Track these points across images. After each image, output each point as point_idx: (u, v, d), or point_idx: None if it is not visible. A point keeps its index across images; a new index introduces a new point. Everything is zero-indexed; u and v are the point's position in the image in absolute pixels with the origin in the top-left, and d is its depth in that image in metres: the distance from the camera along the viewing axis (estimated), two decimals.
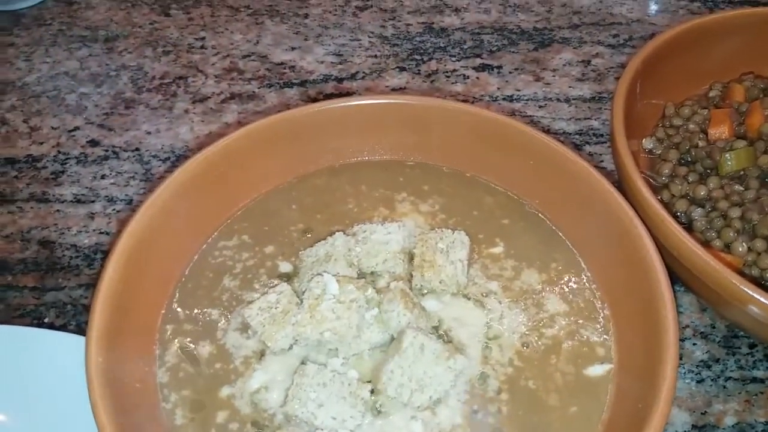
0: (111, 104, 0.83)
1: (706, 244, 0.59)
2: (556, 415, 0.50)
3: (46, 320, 0.65)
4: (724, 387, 0.57)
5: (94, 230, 0.71)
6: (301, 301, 0.54)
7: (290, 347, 0.53)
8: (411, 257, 0.58)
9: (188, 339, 0.54)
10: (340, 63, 0.87)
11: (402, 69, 0.86)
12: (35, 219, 0.72)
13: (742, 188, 0.59)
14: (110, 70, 0.87)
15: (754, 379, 0.57)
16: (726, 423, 0.55)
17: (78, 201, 0.73)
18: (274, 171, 0.63)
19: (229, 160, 0.60)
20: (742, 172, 0.61)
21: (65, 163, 0.77)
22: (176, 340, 0.54)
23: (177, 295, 0.57)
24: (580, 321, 0.54)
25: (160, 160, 0.77)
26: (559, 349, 0.53)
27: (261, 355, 0.53)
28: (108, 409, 0.45)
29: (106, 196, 0.74)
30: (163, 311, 0.56)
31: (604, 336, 0.53)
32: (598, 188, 0.56)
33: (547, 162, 0.59)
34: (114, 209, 0.72)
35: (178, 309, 0.56)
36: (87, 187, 0.75)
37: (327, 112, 0.63)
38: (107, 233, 0.70)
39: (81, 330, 0.64)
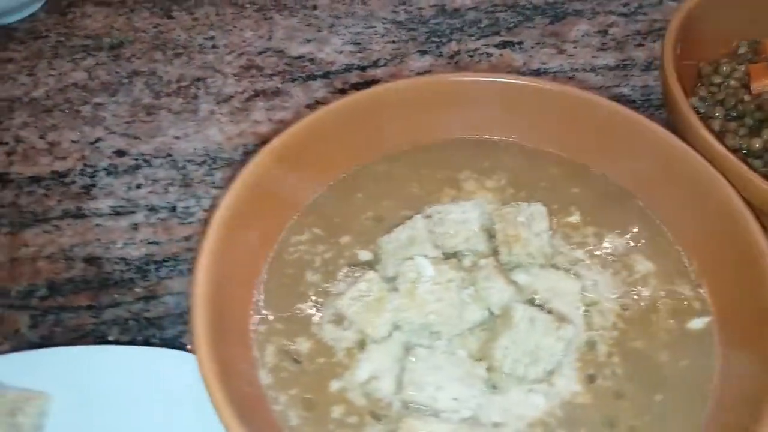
0: (130, 112, 0.80)
1: None
2: (670, 371, 0.50)
3: (110, 338, 0.62)
4: None
5: (141, 241, 0.68)
6: (391, 286, 0.53)
7: (390, 334, 0.52)
8: (490, 234, 0.57)
9: (283, 338, 0.53)
10: (360, 51, 0.86)
11: (423, 52, 0.85)
12: (75, 236, 0.69)
13: None
14: (121, 77, 0.84)
15: None
16: None
17: (117, 213, 0.70)
18: (334, 162, 0.62)
19: (290, 158, 0.58)
20: None
21: (94, 176, 0.74)
22: (272, 340, 0.53)
23: (262, 295, 0.55)
24: (671, 278, 0.55)
25: (196, 164, 0.74)
26: (657, 308, 0.53)
27: (362, 344, 0.52)
28: (234, 414, 0.43)
29: (147, 206, 0.71)
30: (252, 313, 0.54)
31: (698, 290, 0.54)
32: (667, 144, 0.57)
33: (613, 126, 0.60)
34: (158, 218, 0.70)
35: (266, 309, 0.54)
36: (123, 198, 0.72)
37: (382, 95, 0.62)
38: (156, 243, 0.68)
39: (149, 343, 0.61)
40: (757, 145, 0.62)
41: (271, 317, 0.54)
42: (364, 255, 0.58)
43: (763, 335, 0.48)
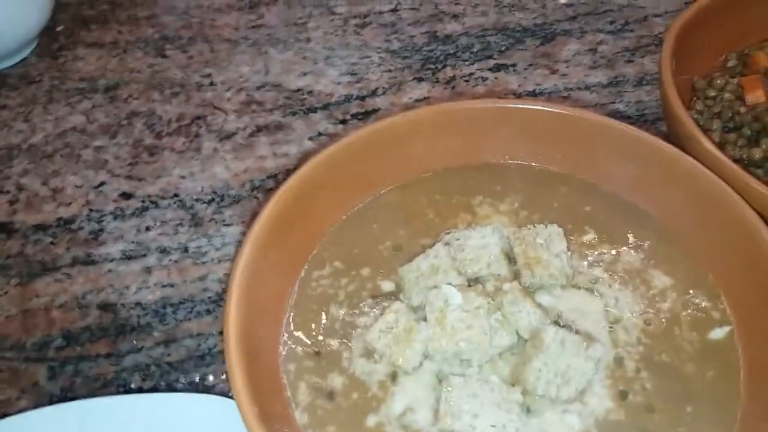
0: (132, 153, 0.80)
1: None
2: (698, 383, 0.51)
3: (132, 385, 0.61)
4: None
5: (155, 284, 0.68)
6: (420, 318, 0.54)
7: (420, 364, 0.53)
8: (509, 258, 0.58)
9: (314, 375, 0.53)
10: (357, 82, 0.87)
11: (420, 79, 0.86)
12: (87, 283, 0.68)
13: None
14: (120, 119, 0.84)
15: None
16: None
17: (128, 257, 0.70)
18: (349, 194, 0.63)
19: (306, 194, 0.59)
20: None
21: (101, 221, 0.73)
22: (304, 378, 0.53)
23: (289, 333, 0.55)
24: (688, 290, 0.56)
25: (204, 203, 0.74)
26: (678, 321, 0.55)
27: (394, 377, 0.52)
28: None
29: (158, 248, 0.71)
30: (281, 351, 0.54)
31: (716, 300, 0.56)
32: (671, 157, 0.58)
33: (616, 142, 0.61)
34: (170, 259, 0.69)
35: (294, 347, 0.54)
36: (133, 242, 0.71)
37: (395, 125, 0.63)
38: (171, 285, 0.67)
39: (173, 388, 0.61)
40: (757, 156, 0.64)
41: (300, 354, 0.54)
42: (387, 285, 0.58)
43: None
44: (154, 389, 0.61)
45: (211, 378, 0.61)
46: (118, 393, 0.60)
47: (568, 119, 0.63)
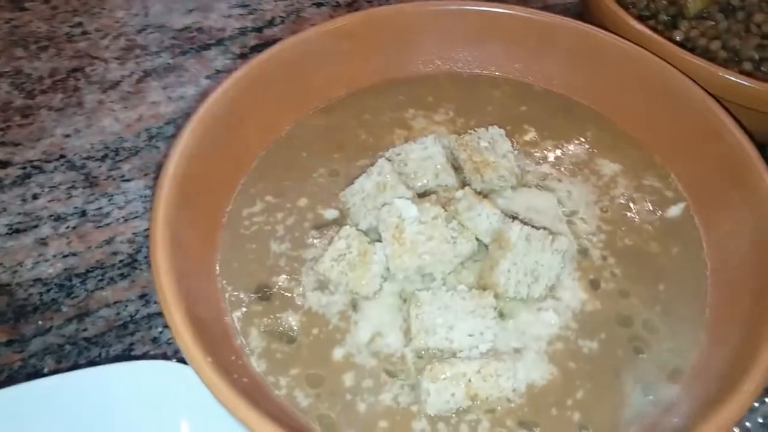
0: (2, 118, 0.68)
1: None
2: (665, 261, 0.50)
3: (45, 371, 0.52)
4: None
5: (54, 256, 0.58)
6: (373, 240, 0.49)
7: (381, 287, 0.48)
8: (455, 167, 0.54)
9: (265, 318, 0.47)
10: (250, 13, 0.79)
11: (320, 4, 0.80)
12: None
13: (712, 23, 0.63)
14: None
15: None
16: None
17: (16, 231, 0.60)
18: (268, 125, 0.56)
19: (222, 125, 0.52)
20: (705, 12, 0.65)
21: None
22: (254, 323, 0.46)
23: (227, 279, 0.48)
24: (638, 174, 0.55)
25: (97, 160, 0.65)
26: (634, 204, 0.53)
27: (354, 305, 0.47)
28: (253, 411, 0.37)
29: (51, 216, 0.61)
30: (222, 301, 0.47)
31: (666, 179, 0.54)
32: (601, 42, 0.57)
33: (543, 36, 0.58)
34: (68, 227, 0.60)
35: (237, 293, 0.48)
36: (20, 213, 0.61)
37: (307, 41, 0.57)
38: (74, 254, 0.58)
39: (95, 364, 0.52)
40: (679, 37, 0.63)
41: (245, 300, 0.48)
42: (330, 213, 0.53)
43: (738, 202, 0.49)
44: (76, 367, 0.52)
45: (138, 347, 0.53)
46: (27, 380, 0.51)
47: (491, 17, 0.59)
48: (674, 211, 0.53)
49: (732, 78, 0.55)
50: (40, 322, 0.55)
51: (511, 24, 0.59)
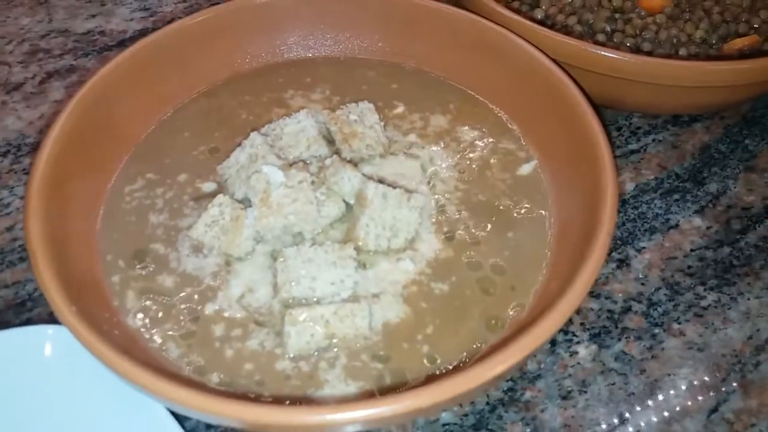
0: None
1: None
2: (515, 212, 0.55)
3: None
4: (617, 166, 0.67)
5: None
6: (245, 206, 0.53)
7: (253, 249, 0.52)
8: (328, 141, 0.58)
9: (142, 282, 0.50)
10: (151, 15, 0.83)
11: (215, 3, 0.84)
12: None
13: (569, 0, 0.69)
14: None
15: (632, 152, 0.68)
16: (628, 188, 0.64)
17: None
18: (148, 108, 0.60)
19: (98, 109, 0.55)
20: None
21: None
22: (131, 286, 0.50)
23: (104, 247, 0.52)
24: (494, 138, 0.60)
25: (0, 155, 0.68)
26: (489, 165, 0.58)
27: (227, 265, 0.51)
28: (119, 356, 0.40)
29: None
30: (101, 267, 0.51)
31: (520, 142, 0.59)
32: (464, 20, 0.61)
33: (409, 17, 0.63)
34: None
35: (116, 260, 0.51)
36: None
37: (185, 28, 0.61)
38: None
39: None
40: (539, 16, 0.69)
41: (122, 266, 0.51)
42: (208, 186, 0.57)
43: (578, 159, 0.53)
44: None
45: (36, 322, 0.56)
46: None
47: (360, 2, 0.64)
48: (525, 169, 0.58)
49: (571, 43, 0.60)
50: None
51: (381, 7, 0.64)
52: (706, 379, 0.52)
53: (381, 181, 0.56)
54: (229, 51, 0.63)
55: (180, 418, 0.46)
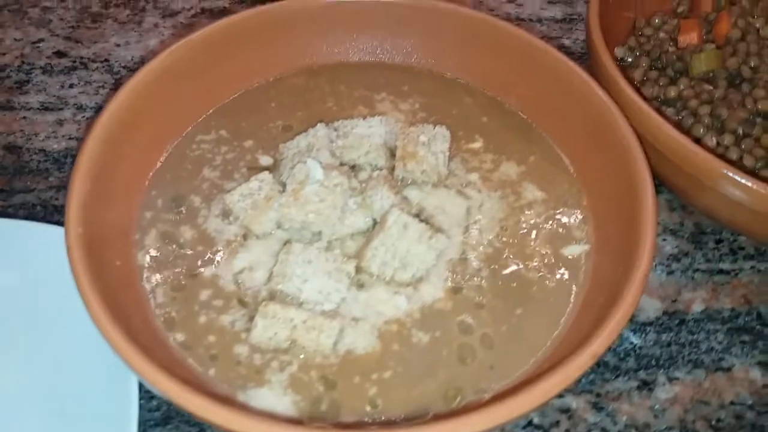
0: (77, 18, 0.81)
1: None
2: (536, 288, 0.51)
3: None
4: (693, 278, 0.59)
5: (63, 136, 0.69)
6: (284, 189, 0.54)
7: (272, 232, 0.53)
8: (393, 153, 0.58)
9: (168, 225, 0.54)
10: None
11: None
12: (0, 125, 0.70)
13: (711, 87, 0.61)
14: None
15: (720, 271, 0.60)
16: (694, 310, 0.57)
17: (45, 108, 0.71)
18: (252, 69, 0.63)
19: (206, 54, 0.59)
20: (711, 74, 0.63)
21: (30, 73, 0.75)
22: (157, 226, 0.54)
23: (154, 183, 0.56)
24: (558, 208, 0.55)
25: (131, 70, 0.75)
26: (537, 233, 0.54)
27: (244, 238, 0.53)
28: (91, 284, 0.44)
29: (75, 104, 0.72)
30: (140, 198, 0.55)
31: (582, 221, 0.55)
32: (576, 80, 0.57)
33: (526, 58, 0.60)
34: (84, 116, 0.71)
35: (157, 197, 0.55)
36: (54, 96, 0.72)
37: (304, 8, 0.62)
38: (78, 138, 0.69)
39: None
40: (672, 94, 0.62)
41: (159, 205, 0.55)
42: (265, 160, 0.59)
43: (630, 265, 0.48)
44: None
45: None
46: None
47: (474, 22, 0.61)
48: (573, 250, 0.53)
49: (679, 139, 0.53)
50: (28, 183, 0.65)
51: (497, 40, 0.61)
52: None
53: (421, 209, 0.55)
54: (340, 40, 0.64)
55: None
